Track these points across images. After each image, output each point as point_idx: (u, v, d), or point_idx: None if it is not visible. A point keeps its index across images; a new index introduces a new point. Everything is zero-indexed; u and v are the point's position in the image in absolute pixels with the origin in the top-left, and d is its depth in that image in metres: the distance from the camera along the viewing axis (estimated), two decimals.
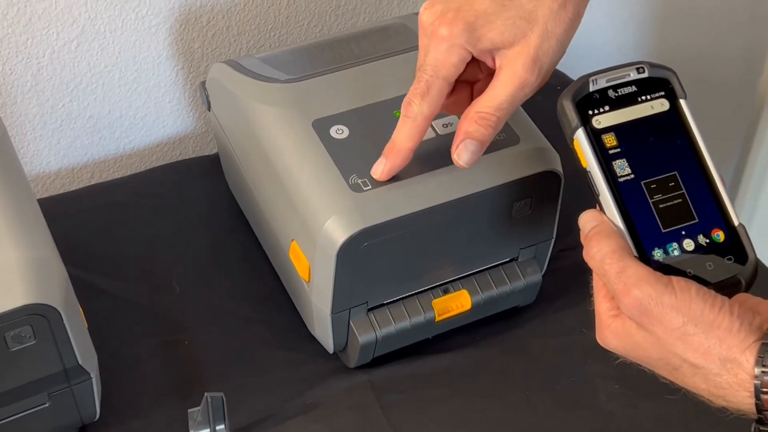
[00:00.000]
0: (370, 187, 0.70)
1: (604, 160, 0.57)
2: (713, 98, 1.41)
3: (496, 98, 0.63)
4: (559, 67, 1.17)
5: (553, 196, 0.75)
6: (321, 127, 0.73)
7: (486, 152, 0.72)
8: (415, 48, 0.81)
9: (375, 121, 0.74)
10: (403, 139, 0.66)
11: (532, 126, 0.76)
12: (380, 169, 0.69)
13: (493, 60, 0.63)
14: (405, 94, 0.75)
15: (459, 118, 0.73)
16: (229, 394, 0.71)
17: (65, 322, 0.61)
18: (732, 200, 0.58)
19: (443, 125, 0.74)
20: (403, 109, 0.65)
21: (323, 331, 0.76)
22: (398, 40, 0.83)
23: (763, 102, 1.44)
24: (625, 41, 1.26)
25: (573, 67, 0.89)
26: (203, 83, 0.86)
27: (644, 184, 0.57)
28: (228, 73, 0.81)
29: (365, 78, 0.78)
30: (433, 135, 0.73)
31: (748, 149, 1.48)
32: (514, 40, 0.61)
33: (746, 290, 0.56)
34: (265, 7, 0.97)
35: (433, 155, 0.72)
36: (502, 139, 0.73)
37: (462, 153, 0.64)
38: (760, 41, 1.39)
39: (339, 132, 0.73)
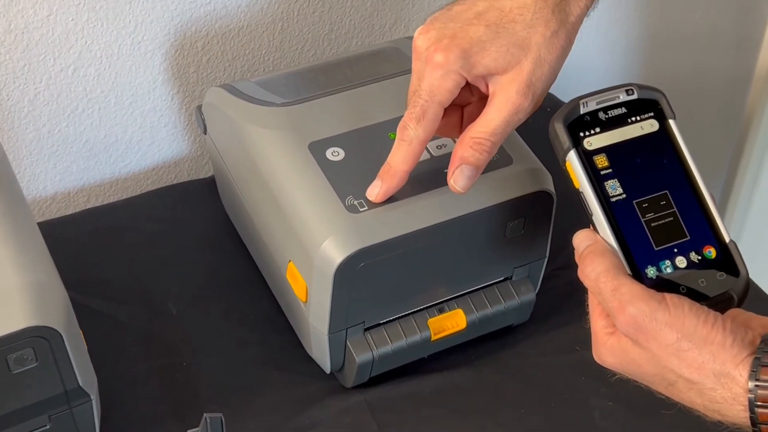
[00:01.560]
0: (366, 208, 0.70)
1: (596, 180, 0.58)
2: (701, 118, 1.43)
3: (490, 123, 0.64)
4: (551, 92, 1.19)
5: (546, 216, 0.76)
6: (317, 149, 0.74)
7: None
8: (408, 72, 0.82)
9: (370, 143, 0.75)
10: (399, 162, 0.67)
11: (525, 147, 0.77)
12: (376, 191, 0.70)
13: (487, 85, 0.65)
14: (399, 117, 0.76)
15: (452, 140, 0.75)
16: (227, 416, 0.71)
17: (66, 344, 0.62)
18: (721, 217, 0.59)
19: (437, 147, 0.75)
20: (398, 133, 0.67)
21: (320, 352, 0.77)
22: (391, 63, 0.85)
23: (749, 121, 1.46)
24: (612, 63, 1.28)
25: (563, 89, 0.91)
26: (199, 107, 0.87)
27: (636, 203, 0.58)
28: (224, 96, 0.82)
29: (360, 101, 0.79)
30: (428, 156, 0.74)
31: (736, 168, 1.50)
32: (508, 66, 0.63)
33: (738, 305, 0.57)
34: (260, 32, 0.99)
35: (428, 176, 0.73)
36: (495, 160, 0.74)
37: (458, 178, 0.66)
38: (745, 62, 1.41)
39: (335, 154, 0.74)
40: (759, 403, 0.51)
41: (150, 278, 0.88)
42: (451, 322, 0.78)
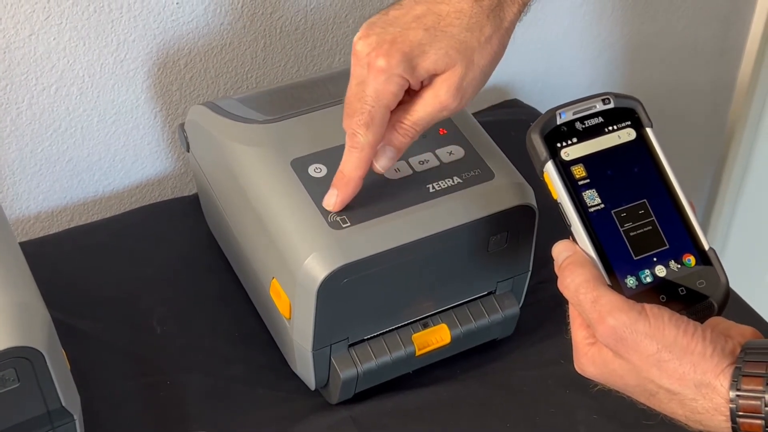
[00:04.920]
0: (348, 224, 0.71)
1: (574, 191, 0.58)
2: (685, 128, 1.43)
3: (416, 114, 0.66)
4: (532, 103, 1.20)
5: (528, 230, 0.77)
6: (299, 166, 0.74)
7: (462, 187, 0.74)
8: None
9: None
10: (352, 169, 0.69)
11: (507, 161, 0.77)
12: (332, 201, 0.71)
13: (422, 84, 0.66)
14: None
15: (434, 156, 0.75)
16: None
17: (49, 364, 0.61)
18: (705, 228, 0.59)
19: (419, 162, 0.75)
20: (348, 141, 0.68)
21: (304, 368, 0.76)
22: None
23: (732, 130, 1.47)
24: (597, 76, 1.29)
25: (547, 102, 0.91)
26: (182, 125, 0.87)
27: (614, 213, 0.58)
28: (206, 114, 0.82)
29: (341, 118, 0.79)
30: (410, 172, 0.75)
31: (720, 177, 1.51)
32: (446, 68, 0.65)
33: (719, 314, 0.58)
34: (242, 49, 0.99)
35: (410, 192, 0.73)
36: (477, 175, 0.75)
37: (380, 158, 0.69)
38: (728, 72, 1.43)
39: (317, 171, 0.74)
40: (740, 413, 0.51)
41: (134, 297, 0.88)
42: (436, 337, 0.78)
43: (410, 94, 0.67)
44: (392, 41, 0.64)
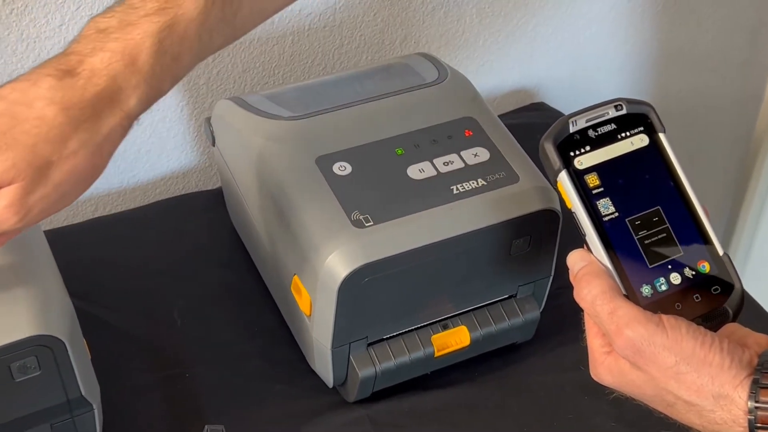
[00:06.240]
0: (372, 223, 0.71)
1: (588, 200, 0.57)
2: (711, 137, 1.42)
3: None
4: (557, 106, 1.19)
5: (551, 234, 0.76)
6: (324, 163, 0.74)
7: (486, 190, 0.74)
8: (418, 87, 0.83)
9: (377, 159, 0.75)
10: None
11: (532, 165, 0.77)
12: None
13: None
14: (407, 133, 0.78)
15: (458, 156, 0.75)
16: (229, 428, 0.71)
17: (70, 353, 0.62)
18: (729, 234, 0.59)
19: (444, 163, 0.75)
20: None
21: (323, 366, 0.77)
22: (401, 79, 0.85)
23: (759, 140, 1.45)
24: (623, 82, 1.28)
25: (573, 106, 0.90)
26: (208, 119, 0.87)
27: (629, 221, 0.58)
28: (233, 109, 0.82)
29: (368, 116, 0.79)
30: (434, 173, 0.74)
31: (745, 186, 1.50)
32: (12, 181, 0.55)
33: (734, 319, 0.57)
34: (270, 45, 0.99)
35: (433, 193, 0.73)
36: (502, 177, 0.75)
37: None
38: (755, 83, 1.42)
39: (342, 168, 0.74)
40: (759, 425, 0.51)
41: (155, 289, 0.88)
42: (455, 339, 0.77)
43: None
44: None
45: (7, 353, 0.59)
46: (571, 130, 0.58)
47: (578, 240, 0.61)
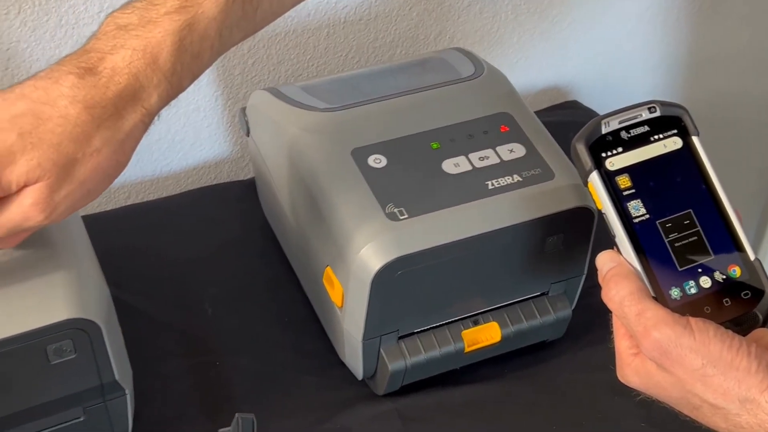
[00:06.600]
0: (406, 216, 0.71)
1: (619, 201, 0.57)
2: (745, 139, 1.41)
3: None
4: (591, 105, 1.18)
5: (585, 233, 0.76)
6: (360, 155, 0.74)
7: (521, 186, 0.73)
8: (454, 82, 0.83)
9: (412, 152, 0.75)
10: None
11: (568, 162, 0.77)
12: None
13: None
14: (443, 127, 0.77)
15: (493, 152, 0.75)
16: (257, 417, 0.71)
17: (105, 337, 0.62)
18: (761, 238, 0.59)
19: (479, 158, 0.75)
20: None
21: (353, 358, 0.77)
22: (436, 74, 0.85)
23: None
24: (657, 82, 1.28)
25: (606, 105, 0.90)
26: (243, 109, 0.87)
27: (659, 223, 0.57)
28: (269, 100, 0.82)
29: (404, 110, 0.79)
30: (470, 168, 0.74)
31: None
32: (37, 180, 0.55)
33: (763, 325, 0.57)
34: (305, 37, 0.99)
35: (468, 187, 0.73)
36: (537, 174, 0.74)
37: None
38: None
39: (377, 161, 0.74)
40: None
41: (186, 277, 0.89)
42: (486, 335, 0.77)
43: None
44: None
45: (44, 336, 0.60)
46: (604, 131, 0.58)
47: (610, 240, 0.60)
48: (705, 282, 0.57)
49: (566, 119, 1.09)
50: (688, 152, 0.59)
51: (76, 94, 0.56)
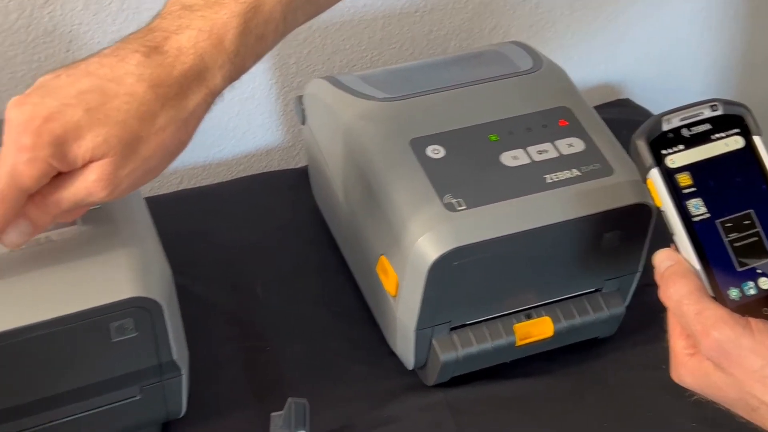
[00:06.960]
0: (464, 207, 0.71)
1: (679, 199, 0.57)
2: None
3: (59, 192, 0.57)
4: (647, 106, 1.17)
5: (642, 230, 0.76)
6: (418, 146, 0.74)
7: (580, 181, 0.73)
8: (513, 75, 0.82)
9: (471, 143, 0.75)
10: None
11: (626, 158, 0.76)
12: None
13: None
14: (501, 119, 0.77)
15: (552, 146, 0.75)
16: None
17: (166, 317, 0.63)
18: None
19: (538, 152, 0.75)
20: None
21: (405, 347, 0.77)
22: (495, 66, 0.85)
23: None
24: (710, 83, 1.26)
25: (658, 104, 0.90)
26: (300, 97, 0.88)
27: (719, 222, 0.57)
28: (327, 88, 0.83)
29: (462, 101, 0.79)
30: (528, 161, 0.74)
31: None
32: (102, 156, 0.56)
33: None
34: (361, 28, 1.00)
35: (526, 181, 0.73)
36: (596, 169, 0.74)
37: (11, 231, 0.58)
38: None
39: (435, 152, 0.74)
40: None
41: (238, 262, 0.89)
42: (538, 329, 0.77)
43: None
44: (46, 118, 0.54)
45: (107, 313, 0.61)
46: (664, 128, 0.57)
47: (669, 238, 0.60)
48: (764, 283, 0.57)
49: (619, 117, 1.08)
50: (749, 152, 0.58)
51: (143, 72, 0.56)
